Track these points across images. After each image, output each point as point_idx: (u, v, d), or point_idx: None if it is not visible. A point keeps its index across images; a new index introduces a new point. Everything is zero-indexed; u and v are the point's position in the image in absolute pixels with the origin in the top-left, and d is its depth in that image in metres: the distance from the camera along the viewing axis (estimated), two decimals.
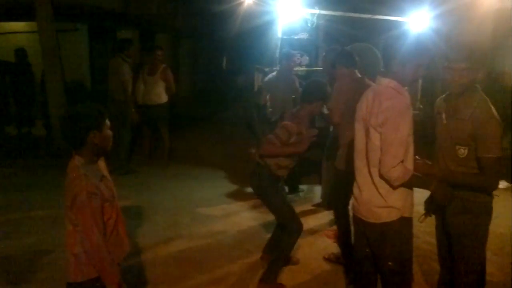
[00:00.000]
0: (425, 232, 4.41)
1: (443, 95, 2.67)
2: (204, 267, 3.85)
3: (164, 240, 4.37)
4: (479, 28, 7.14)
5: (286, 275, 3.71)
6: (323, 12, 6.25)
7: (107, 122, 2.18)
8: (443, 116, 2.59)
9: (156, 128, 7.07)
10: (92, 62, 10.36)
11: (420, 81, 6.50)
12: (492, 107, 2.44)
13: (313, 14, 6.17)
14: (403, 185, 2.28)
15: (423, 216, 2.69)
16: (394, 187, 2.29)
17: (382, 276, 2.52)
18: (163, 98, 6.80)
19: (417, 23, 6.64)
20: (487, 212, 2.58)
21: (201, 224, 4.79)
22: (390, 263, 2.40)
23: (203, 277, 3.69)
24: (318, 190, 5.73)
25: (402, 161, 2.21)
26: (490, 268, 3.76)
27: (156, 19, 9.99)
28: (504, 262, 3.97)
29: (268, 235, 4.46)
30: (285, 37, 6.44)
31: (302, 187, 5.96)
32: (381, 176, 2.27)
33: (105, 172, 2.29)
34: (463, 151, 2.45)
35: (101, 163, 2.30)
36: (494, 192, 2.59)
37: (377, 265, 2.51)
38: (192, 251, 4.16)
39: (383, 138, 2.22)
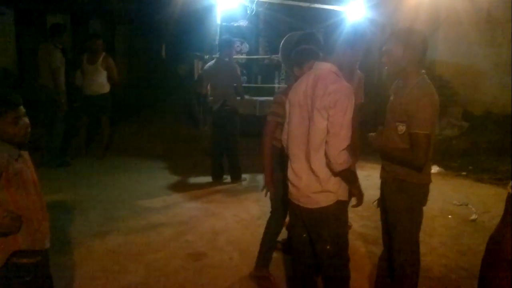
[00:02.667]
0: (362, 216, 4.56)
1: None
2: (143, 260, 3.73)
3: (100, 234, 4.19)
4: (412, 19, 7.44)
5: (228, 267, 3.68)
6: None
7: (9, 114, 2.01)
8: (392, 96, 2.70)
9: (95, 118, 6.80)
10: (19, 48, 9.72)
11: (358, 72, 6.66)
12: (433, 91, 2.53)
13: (252, 1, 6.12)
14: (341, 173, 2.32)
15: (377, 201, 2.84)
16: (334, 173, 2.33)
17: (320, 260, 2.56)
18: (106, 87, 6.63)
19: (353, 13, 6.78)
20: (422, 194, 2.66)
21: (140, 217, 4.64)
22: (328, 247, 2.46)
23: (142, 270, 3.57)
24: (261, 179, 5.73)
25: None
26: (422, 249, 3.94)
27: (88, 3, 9.53)
28: (435, 243, 4.17)
29: (210, 225, 4.43)
30: (225, 24, 6.36)
31: (245, 175, 5.95)
32: (327, 159, 2.29)
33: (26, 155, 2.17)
34: (401, 128, 2.53)
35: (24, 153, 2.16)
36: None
37: (315, 249, 2.55)
38: (130, 244, 4.02)
39: (332, 120, 2.25)
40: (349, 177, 2.41)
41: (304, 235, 2.58)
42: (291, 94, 2.52)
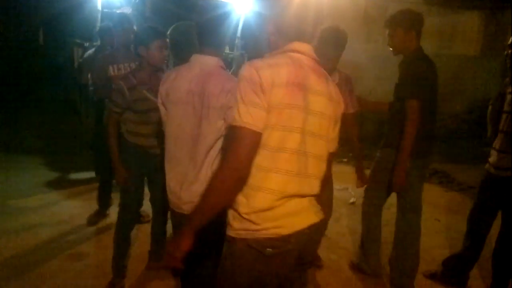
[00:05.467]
0: None
1: None
2: (16, 264, 3.41)
3: None
4: (302, 14, 7.69)
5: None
6: None
7: None
8: None
9: None
10: None
11: (340, 72, 6.71)
12: None
13: None
14: None
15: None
16: None
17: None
18: None
19: (241, 5, 6.82)
20: None
21: (13, 218, 4.21)
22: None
23: (14, 276, 3.25)
24: None
25: None
26: None
27: None
28: None
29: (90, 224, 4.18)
30: (106, 10, 6.00)
31: None
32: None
33: None
34: None
35: None
36: None
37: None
38: (1, 248, 3.65)
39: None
40: None
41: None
42: (171, 91, 2.23)
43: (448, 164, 6.64)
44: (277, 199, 1.53)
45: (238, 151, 1.48)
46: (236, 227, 1.59)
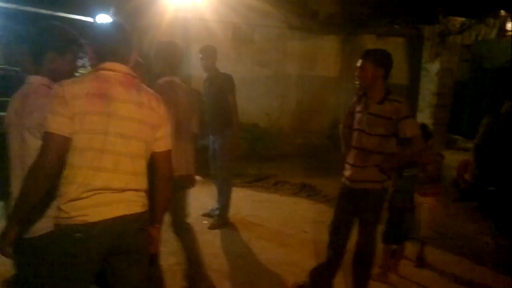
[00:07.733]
0: None
1: None
2: None
3: None
4: (169, 34, 7.59)
5: None
6: None
7: None
8: None
9: None
10: None
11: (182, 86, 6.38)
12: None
13: None
14: None
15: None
16: None
17: None
18: None
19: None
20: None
21: None
22: None
23: None
24: None
25: None
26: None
27: None
28: None
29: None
30: None
31: None
32: None
33: None
34: None
35: None
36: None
37: None
38: None
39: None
40: None
41: None
42: (7, 115, 2.15)
43: (315, 178, 7.03)
44: (84, 192, 1.81)
45: (46, 152, 1.77)
46: (56, 215, 1.86)
